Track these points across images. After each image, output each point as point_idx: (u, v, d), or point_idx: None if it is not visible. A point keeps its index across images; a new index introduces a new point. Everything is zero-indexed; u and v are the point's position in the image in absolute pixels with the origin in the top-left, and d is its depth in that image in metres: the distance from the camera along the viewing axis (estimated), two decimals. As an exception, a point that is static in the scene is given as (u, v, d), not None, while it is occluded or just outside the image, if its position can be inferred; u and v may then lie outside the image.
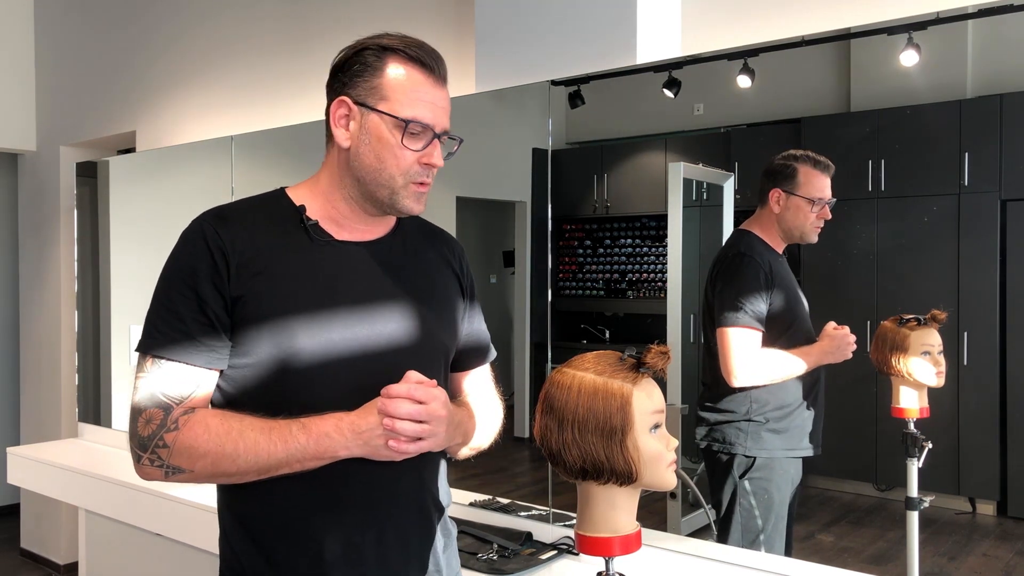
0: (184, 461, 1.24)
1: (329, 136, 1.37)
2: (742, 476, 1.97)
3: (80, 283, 4.08)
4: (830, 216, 1.90)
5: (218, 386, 1.31)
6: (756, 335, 1.92)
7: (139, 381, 1.28)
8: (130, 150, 4.17)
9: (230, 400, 1.31)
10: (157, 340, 1.27)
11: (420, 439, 1.25)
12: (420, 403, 1.23)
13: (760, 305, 1.93)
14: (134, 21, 4.04)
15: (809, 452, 1.97)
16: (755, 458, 1.97)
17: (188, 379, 1.28)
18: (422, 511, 1.41)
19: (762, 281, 1.94)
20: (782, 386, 1.95)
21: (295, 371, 1.28)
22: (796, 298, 1.97)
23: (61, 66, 4.53)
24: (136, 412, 1.27)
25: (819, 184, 1.91)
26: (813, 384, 1.95)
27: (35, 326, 4.75)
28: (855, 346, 1.86)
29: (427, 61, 1.32)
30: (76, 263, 4.10)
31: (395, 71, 1.31)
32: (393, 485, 1.35)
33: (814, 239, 1.92)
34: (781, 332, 1.93)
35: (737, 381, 1.94)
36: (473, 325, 1.53)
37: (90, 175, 4.01)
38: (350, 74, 1.33)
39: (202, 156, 3.54)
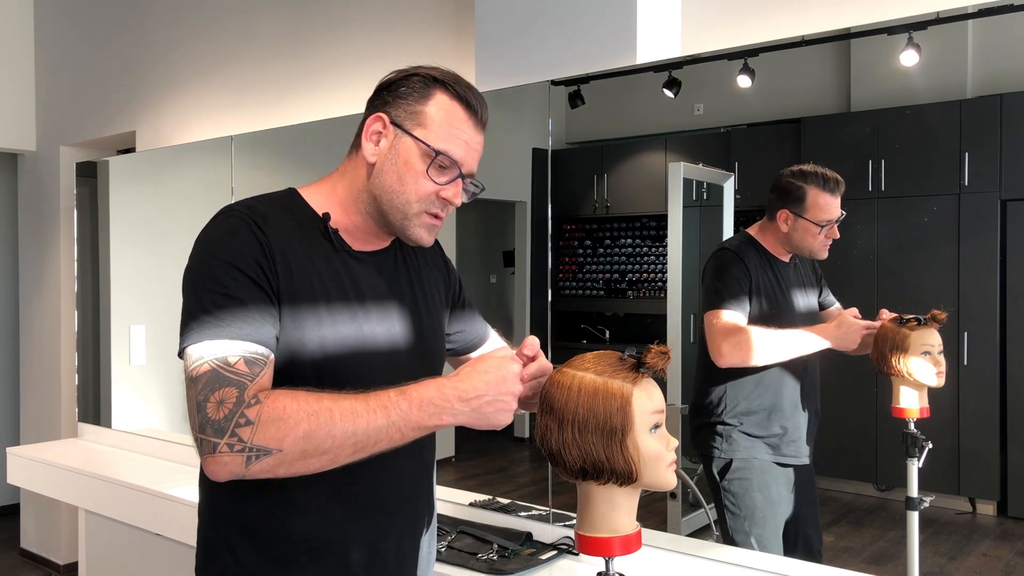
0: (271, 438, 1.09)
1: (355, 147, 1.37)
2: (721, 478, 1.98)
3: (80, 283, 4.08)
4: (838, 235, 1.88)
5: None
6: (738, 315, 1.92)
7: (197, 370, 1.14)
8: (130, 150, 4.17)
9: None
10: (214, 324, 1.17)
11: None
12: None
13: (741, 293, 1.93)
14: (134, 22, 4.04)
15: (796, 461, 1.96)
16: (731, 460, 1.97)
17: (257, 357, 1.17)
18: (428, 515, 1.45)
19: (741, 274, 1.95)
20: (758, 390, 1.95)
21: (329, 379, 1.23)
22: (784, 309, 1.96)
23: (61, 66, 4.53)
24: (202, 400, 1.12)
25: (828, 206, 1.88)
26: (800, 389, 1.95)
27: (35, 326, 4.75)
28: (863, 335, 1.81)
29: (472, 102, 1.33)
30: (76, 263, 4.10)
31: (440, 102, 1.31)
32: (411, 490, 1.39)
33: (823, 255, 1.91)
34: None
35: (724, 359, 1.92)
36: (475, 320, 1.59)
37: (90, 175, 4.01)
38: (395, 95, 1.32)
39: (202, 156, 3.54)
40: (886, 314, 1.80)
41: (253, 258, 1.22)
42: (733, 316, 1.92)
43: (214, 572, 1.32)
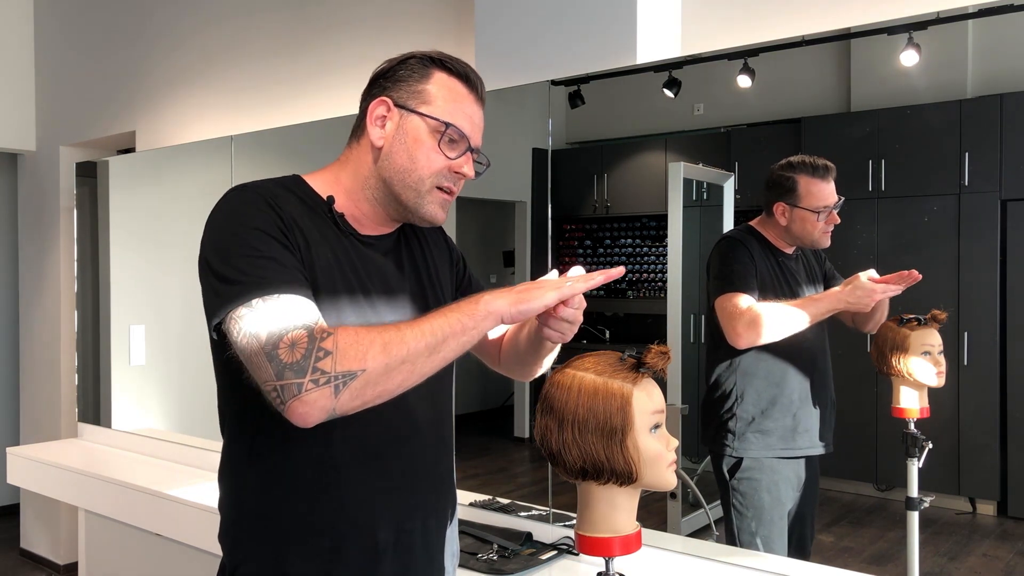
0: (353, 360, 1.11)
1: (357, 136, 1.38)
2: (731, 477, 1.98)
3: (80, 283, 4.08)
4: (839, 220, 1.88)
5: None
6: (748, 297, 1.92)
7: (254, 325, 1.13)
8: (130, 150, 4.17)
9: None
10: (259, 283, 1.15)
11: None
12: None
13: (749, 276, 1.93)
14: (134, 21, 4.04)
15: (810, 452, 1.96)
16: (742, 459, 1.97)
17: (309, 304, 1.17)
18: (451, 498, 1.47)
19: (747, 259, 1.95)
20: (768, 381, 1.95)
21: None
22: (789, 299, 1.95)
23: (61, 66, 4.53)
24: (271, 350, 1.11)
25: (821, 192, 1.89)
26: (811, 381, 1.95)
27: (35, 326, 4.75)
28: (877, 297, 1.79)
29: (472, 77, 1.37)
30: (76, 263, 4.10)
31: (440, 80, 1.34)
32: (433, 467, 1.40)
33: (825, 244, 1.91)
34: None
35: (742, 339, 1.91)
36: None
37: (90, 175, 4.01)
38: (394, 79, 1.35)
39: (202, 156, 3.54)
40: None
41: (276, 225, 1.24)
42: (744, 298, 1.92)
43: (237, 567, 1.32)
